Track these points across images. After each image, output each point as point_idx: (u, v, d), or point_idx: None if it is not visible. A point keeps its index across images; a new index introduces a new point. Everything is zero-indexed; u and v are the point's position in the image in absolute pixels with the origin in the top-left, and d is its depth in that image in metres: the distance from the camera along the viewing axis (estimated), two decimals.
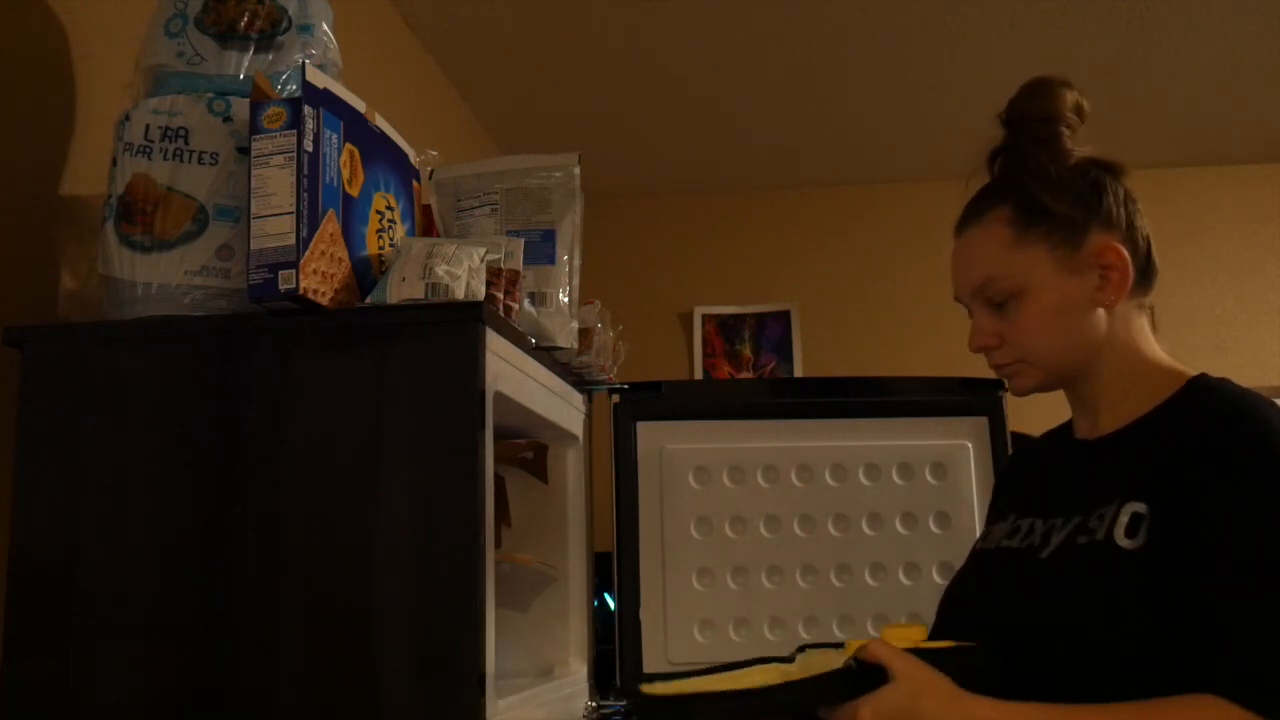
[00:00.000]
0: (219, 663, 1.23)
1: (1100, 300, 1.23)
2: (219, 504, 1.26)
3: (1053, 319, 1.23)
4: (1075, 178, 1.25)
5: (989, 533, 1.33)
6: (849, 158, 3.91)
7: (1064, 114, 1.27)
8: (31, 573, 1.27)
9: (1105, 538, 1.13)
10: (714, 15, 2.89)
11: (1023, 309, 1.23)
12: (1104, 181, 1.26)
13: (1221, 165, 4.04)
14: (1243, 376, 1.23)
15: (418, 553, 1.22)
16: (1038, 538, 1.22)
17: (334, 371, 1.27)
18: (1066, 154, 1.26)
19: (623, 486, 2.01)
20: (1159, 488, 1.13)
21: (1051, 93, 1.28)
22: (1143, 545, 1.11)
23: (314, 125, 1.26)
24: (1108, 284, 1.23)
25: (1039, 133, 1.26)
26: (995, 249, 1.24)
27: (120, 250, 1.32)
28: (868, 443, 2.06)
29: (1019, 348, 1.25)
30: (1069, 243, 1.22)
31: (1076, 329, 1.23)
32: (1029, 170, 1.25)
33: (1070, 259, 1.22)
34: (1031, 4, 2.86)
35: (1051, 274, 1.22)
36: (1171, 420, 1.20)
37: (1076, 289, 1.22)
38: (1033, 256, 1.22)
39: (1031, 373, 1.26)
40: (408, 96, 2.89)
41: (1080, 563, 1.15)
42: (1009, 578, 1.23)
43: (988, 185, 1.29)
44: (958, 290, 1.30)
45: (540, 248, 1.56)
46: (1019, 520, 1.28)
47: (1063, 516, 1.21)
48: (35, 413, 1.29)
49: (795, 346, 4.07)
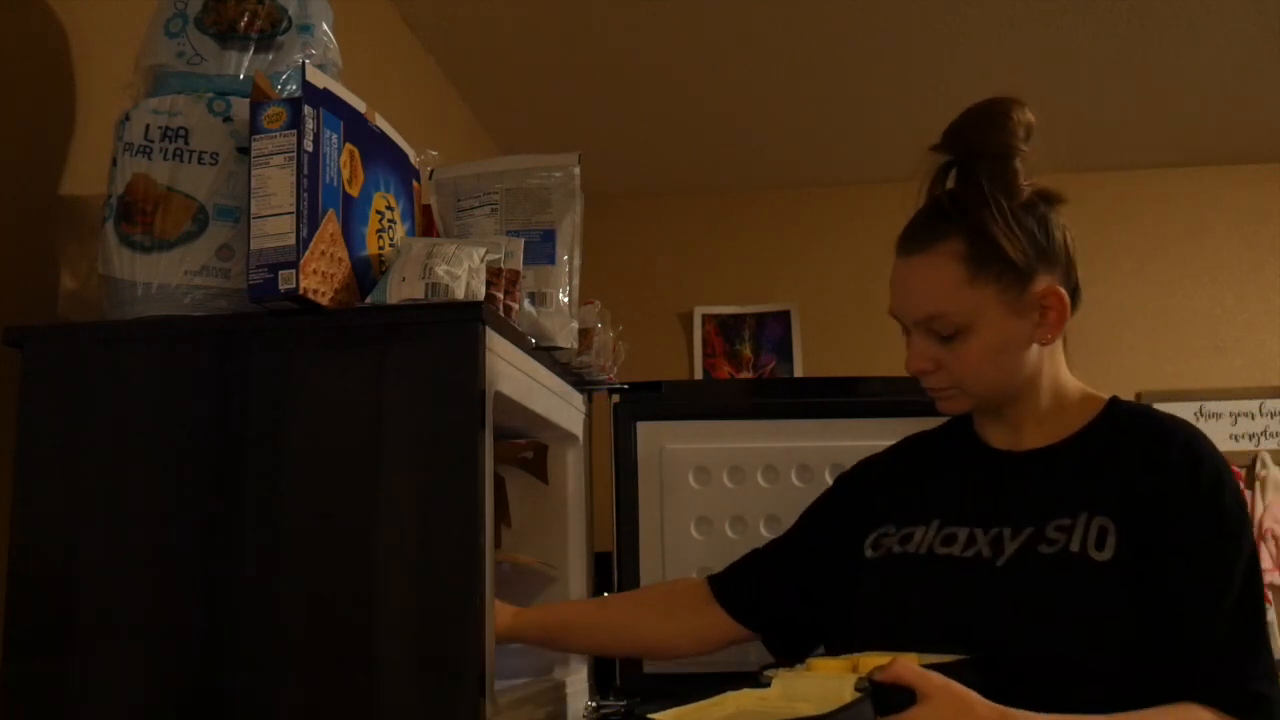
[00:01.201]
0: (219, 663, 1.23)
1: (1038, 338, 1.26)
2: (219, 504, 1.26)
3: (994, 356, 1.26)
4: (1026, 215, 1.25)
5: (908, 535, 1.31)
6: (849, 158, 3.91)
7: (1018, 146, 1.27)
8: (31, 573, 1.26)
9: (1080, 549, 1.16)
10: (714, 15, 2.89)
11: (966, 344, 1.25)
12: (1049, 217, 1.27)
13: (1221, 165, 4.04)
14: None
15: (418, 553, 1.22)
16: (985, 547, 1.23)
17: (334, 371, 1.27)
18: (1020, 190, 1.26)
19: (623, 486, 2.01)
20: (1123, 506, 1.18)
21: (1005, 121, 1.27)
22: (1112, 558, 1.15)
23: (314, 125, 1.26)
24: (1046, 323, 1.26)
25: (993, 169, 1.26)
26: (946, 285, 1.24)
27: (120, 250, 1.32)
28: (867, 443, 2.04)
29: (957, 377, 1.27)
30: (1017, 286, 1.24)
31: (1014, 364, 1.27)
32: (984, 206, 1.24)
33: (1017, 301, 1.24)
34: (1031, 4, 2.86)
35: (998, 315, 1.24)
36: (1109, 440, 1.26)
37: (1018, 328, 1.25)
38: (981, 297, 1.24)
39: (964, 399, 1.30)
40: (408, 96, 2.89)
41: (1051, 573, 1.17)
42: (963, 588, 1.22)
43: (937, 209, 1.29)
44: (899, 312, 1.30)
45: (540, 248, 1.56)
46: (950, 527, 1.28)
47: (1009, 526, 1.23)
48: (35, 413, 1.29)
49: (795, 346, 4.07)
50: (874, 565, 1.34)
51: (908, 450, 1.45)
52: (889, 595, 1.31)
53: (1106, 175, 3.98)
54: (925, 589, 1.27)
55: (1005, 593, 1.19)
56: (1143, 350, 3.95)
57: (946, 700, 1.00)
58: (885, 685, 1.00)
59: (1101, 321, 3.76)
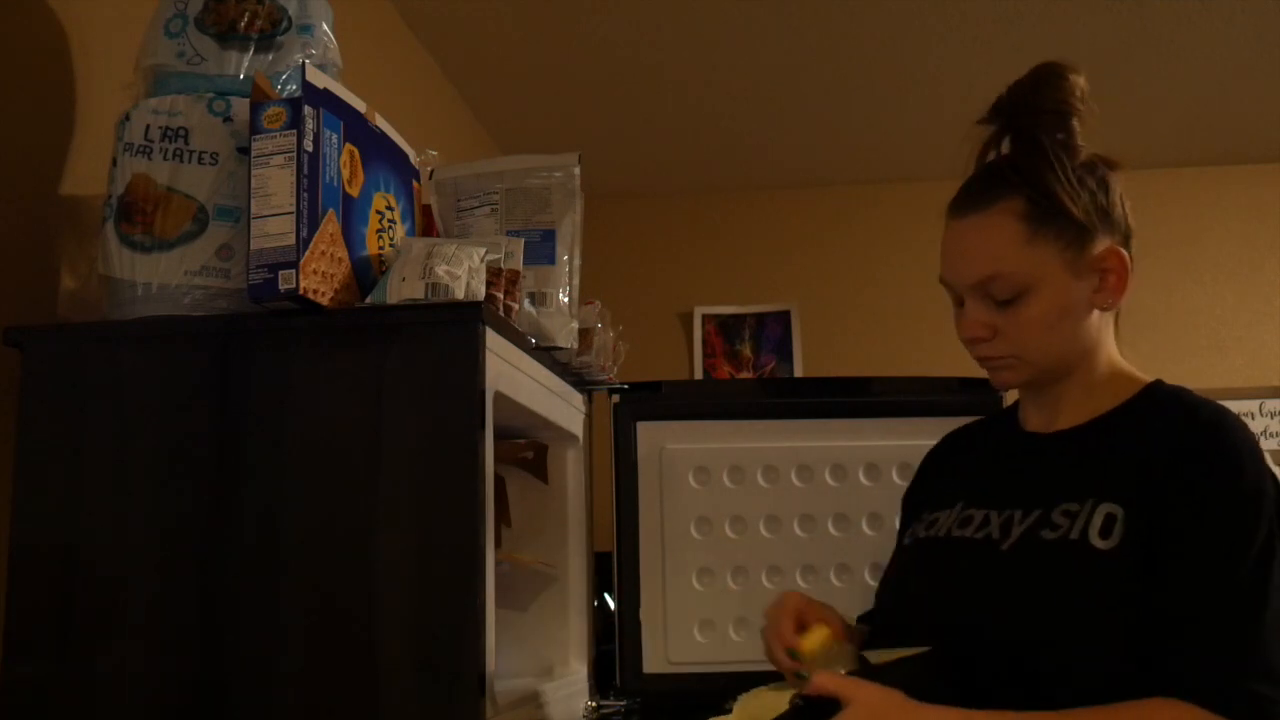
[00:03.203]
0: (219, 662, 1.23)
1: (1097, 303, 1.22)
2: (219, 504, 1.26)
3: (1055, 320, 1.21)
4: (1088, 175, 1.21)
5: (934, 520, 1.29)
6: (849, 158, 3.91)
7: (1076, 105, 1.23)
8: (32, 572, 1.27)
9: (1081, 536, 1.12)
10: (713, 15, 2.89)
11: (1026, 307, 1.20)
12: (1110, 181, 1.23)
13: (1221, 165, 4.03)
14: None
15: (418, 553, 1.22)
16: (995, 529, 1.20)
17: (334, 371, 1.27)
18: (1078, 149, 1.23)
19: (623, 486, 2.01)
20: (1134, 491, 1.13)
21: (1062, 82, 1.23)
22: (1117, 546, 1.11)
23: (314, 125, 1.26)
24: (1107, 287, 1.22)
25: (1053, 124, 1.22)
26: (1006, 244, 1.19)
27: (120, 250, 1.32)
28: (868, 443, 2.05)
29: (1015, 344, 1.22)
30: (1078, 244, 1.19)
31: (1073, 331, 1.22)
32: (1047, 163, 1.20)
33: (1077, 261, 1.20)
34: (1031, 4, 2.86)
35: (1059, 275, 1.19)
36: (1135, 423, 1.21)
37: (1078, 290, 1.21)
38: (1043, 255, 1.19)
39: (1022, 369, 1.24)
40: (408, 96, 2.89)
41: (1050, 558, 1.14)
42: (967, 569, 1.21)
43: (994, 169, 1.24)
44: (952, 277, 1.24)
45: (540, 248, 1.56)
46: (969, 510, 1.25)
47: (1020, 509, 1.19)
48: (35, 413, 1.29)
49: (795, 346, 4.07)
50: (901, 552, 1.33)
51: (955, 438, 1.42)
52: (902, 580, 1.29)
53: None
54: (934, 571, 1.25)
55: (1003, 576, 1.16)
56: (1142, 350, 3.93)
57: (861, 704, 1.05)
58: (813, 698, 1.07)
59: None
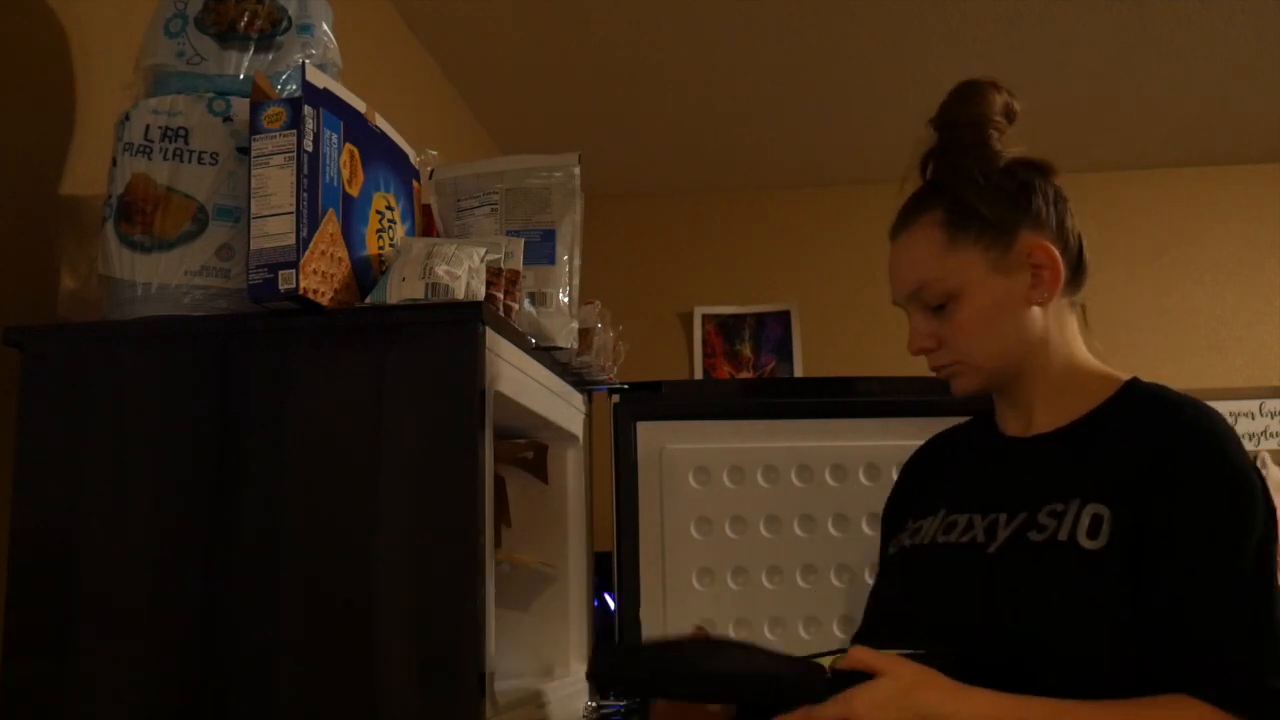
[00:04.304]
0: (219, 662, 1.23)
1: (1033, 299, 1.25)
2: (219, 504, 1.26)
3: (988, 319, 1.25)
4: (1004, 179, 1.27)
5: (918, 528, 1.30)
6: (849, 158, 3.91)
7: (992, 117, 1.29)
8: (31, 572, 1.27)
9: (1069, 538, 1.14)
10: (713, 15, 2.89)
11: (958, 311, 1.25)
12: (1033, 182, 1.28)
13: (1221, 165, 4.03)
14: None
15: (418, 553, 1.22)
16: (980, 533, 1.21)
17: (334, 371, 1.27)
18: (995, 156, 1.28)
19: (623, 486, 2.01)
20: (1120, 491, 1.15)
21: (979, 96, 1.30)
22: (1105, 546, 1.12)
23: (314, 125, 1.26)
24: (1040, 282, 1.25)
25: (967, 137, 1.29)
26: (929, 253, 1.26)
27: (120, 250, 1.32)
28: (868, 443, 2.05)
29: (957, 349, 1.27)
30: (1000, 244, 1.24)
31: (1012, 328, 1.25)
32: (958, 173, 1.27)
33: (1002, 260, 1.24)
34: (1031, 4, 2.86)
35: (984, 275, 1.24)
36: (1118, 422, 1.23)
37: (1009, 289, 1.25)
38: (965, 259, 1.24)
39: (971, 373, 1.28)
40: (408, 96, 2.89)
41: (1038, 561, 1.15)
42: (954, 574, 1.22)
43: (920, 190, 1.32)
44: (894, 294, 1.31)
45: (540, 248, 1.56)
46: (952, 515, 1.26)
47: (1005, 512, 1.21)
48: (35, 413, 1.29)
49: (795, 346, 4.07)
50: (887, 563, 1.34)
51: (934, 446, 1.44)
52: (889, 588, 1.30)
53: (1106, 175, 3.98)
54: (920, 578, 1.26)
55: (992, 579, 1.17)
56: (1142, 350, 3.95)
57: (898, 675, 1.05)
58: (845, 672, 1.06)
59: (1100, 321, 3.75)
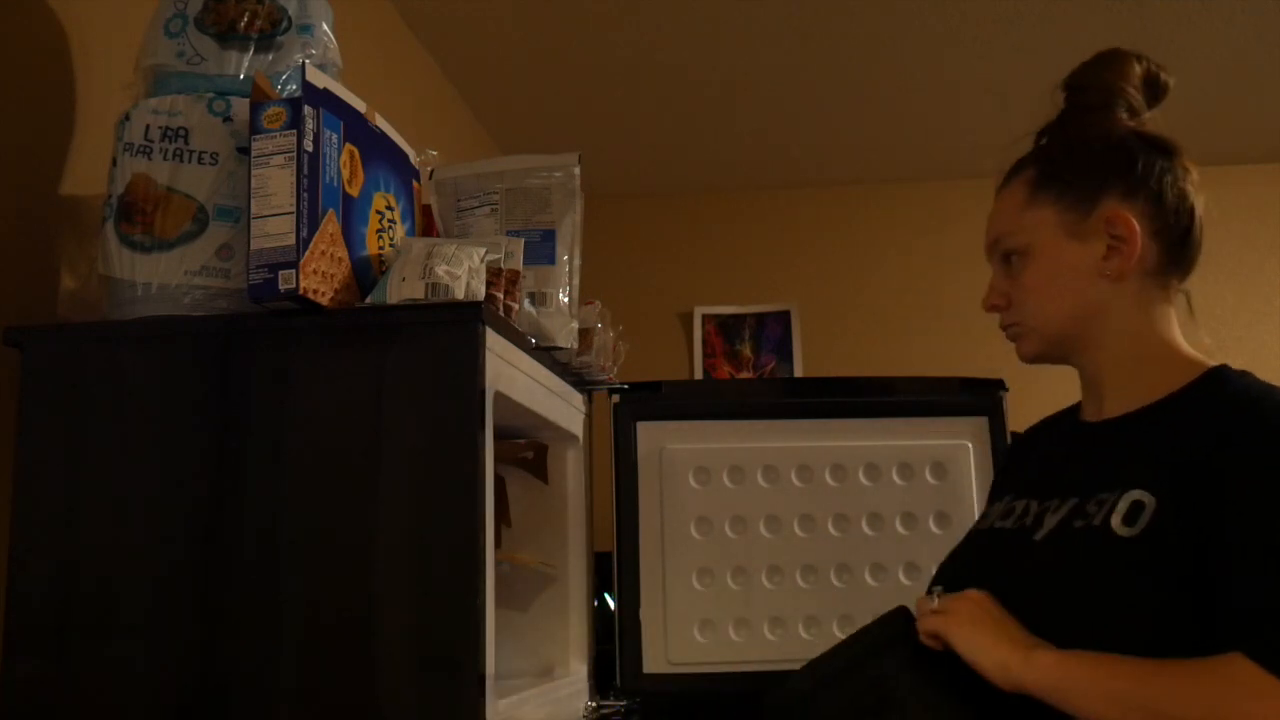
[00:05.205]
0: (219, 662, 1.23)
1: (1105, 270, 1.20)
2: (219, 504, 1.26)
3: (1050, 281, 1.22)
4: (1107, 146, 1.23)
5: (985, 513, 1.32)
6: (849, 158, 3.91)
7: (1122, 86, 1.25)
8: (32, 573, 1.27)
9: (1103, 523, 1.11)
10: (714, 16, 2.89)
11: (1025, 269, 1.23)
12: (1139, 154, 1.23)
13: (1221, 165, 4.03)
14: None
15: (418, 553, 1.22)
16: (1031, 519, 1.20)
17: (334, 371, 1.27)
18: (1110, 125, 1.24)
19: (623, 486, 2.01)
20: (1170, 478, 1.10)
21: (1116, 64, 1.27)
22: (1139, 534, 1.08)
23: (314, 125, 1.26)
24: (1115, 254, 1.20)
25: (1090, 100, 1.25)
26: (1009, 207, 1.26)
27: (120, 250, 1.32)
28: (868, 443, 2.06)
29: (1021, 309, 1.24)
30: (1079, 208, 1.21)
31: (1074, 296, 1.21)
32: (1063, 131, 1.26)
33: (1079, 225, 1.21)
34: (1031, 2, 2.86)
35: (1056, 236, 1.21)
36: (1182, 410, 1.17)
37: (1081, 255, 1.21)
38: (1040, 217, 1.22)
39: (1030, 336, 1.25)
40: (408, 96, 2.89)
41: (1074, 548, 1.13)
42: (1002, 559, 1.21)
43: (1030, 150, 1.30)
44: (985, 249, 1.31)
45: (540, 248, 1.56)
46: (1014, 501, 1.26)
47: (1058, 499, 1.19)
48: (35, 413, 1.29)
49: (795, 346, 4.07)
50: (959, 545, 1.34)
51: (1030, 431, 1.42)
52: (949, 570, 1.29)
53: None
54: (974, 562, 1.26)
55: (1034, 565, 1.16)
56: None
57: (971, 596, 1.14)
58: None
59: None
